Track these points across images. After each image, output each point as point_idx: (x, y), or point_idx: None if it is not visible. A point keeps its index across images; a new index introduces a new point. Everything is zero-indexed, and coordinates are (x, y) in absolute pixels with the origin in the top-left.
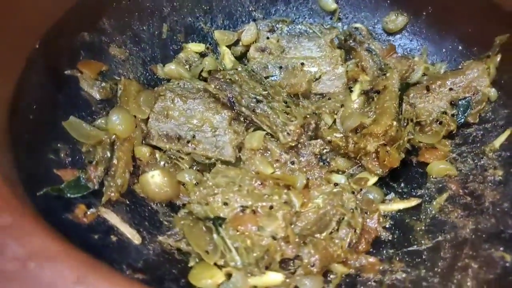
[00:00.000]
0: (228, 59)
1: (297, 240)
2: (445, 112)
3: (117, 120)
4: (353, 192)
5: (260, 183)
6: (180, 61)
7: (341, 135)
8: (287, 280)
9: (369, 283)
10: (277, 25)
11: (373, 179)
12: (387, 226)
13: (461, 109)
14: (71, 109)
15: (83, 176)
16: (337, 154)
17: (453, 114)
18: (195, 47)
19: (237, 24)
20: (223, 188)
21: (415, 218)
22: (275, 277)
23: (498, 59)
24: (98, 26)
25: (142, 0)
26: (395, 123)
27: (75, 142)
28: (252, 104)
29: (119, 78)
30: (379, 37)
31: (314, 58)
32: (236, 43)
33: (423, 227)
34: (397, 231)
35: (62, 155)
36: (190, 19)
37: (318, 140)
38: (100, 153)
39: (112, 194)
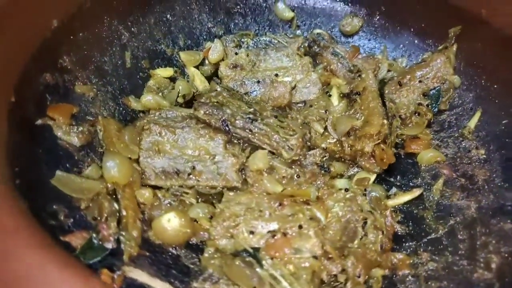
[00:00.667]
0: (199, 80)
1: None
2: (420, 104)
3: (114, 166)
4: (364, 194)
5: (279, 204)
6: (151, 89)
7: (334, 140)
8: None
9: (407, 279)
10: (242, 39)
11: (373, 177)
12: (399, 220)
13: (433, 98)
14: (54, 163)
15: (95, 236)
16: (332, 159)
17: (427, 104)
18: (164, 72)
19: (199, 42)
20: (243, 216)
21: (421, 208)
22: None
23: (455, 48)
24: (59, 65)
25: (98, 29)
26: (385, 121)
27: (71, 199)
28: (247, 125)
29: (93, 119)
30: (338, 39)
31: (286, 68)
32: (203, 62)
33: (432, 214)
34: (410, 223)
35: (61, 217)
36: (150, 43)
37: (316, 149)
38: (106, 206)
39: (132, 250)
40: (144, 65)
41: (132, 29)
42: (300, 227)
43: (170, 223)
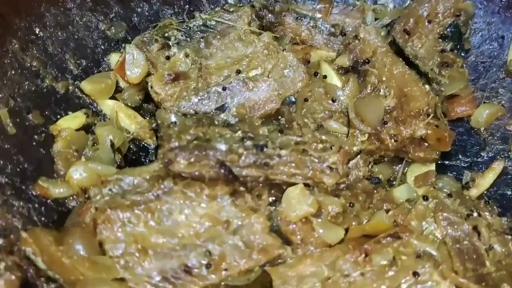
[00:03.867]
0: (126, 117)
1: None
2: (443, 50)
3: None
4: (449, 195)
5: (360, 254)
6: (64, 157)
7: (367, 136)
8: None
9: None
10: (165, 34)
11: (433, 168)
12: (498, 212)
13: (454, 38)
14: None
15: None
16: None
17: (450, 49)
18: (71, 122)
19: (99, 58)
20: None
21: None
22: None
23: None
24: None
25: None
26: (427, 86)
27: None
28: (259, 159)
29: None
30: None
31: (246, 56)
32: (119, 88)
33: None
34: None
35: None
36: (28, 82)
37: (357, 157)
38: None
39: None
40: (34, 120)
41: None
42: (416, 274)
43: None
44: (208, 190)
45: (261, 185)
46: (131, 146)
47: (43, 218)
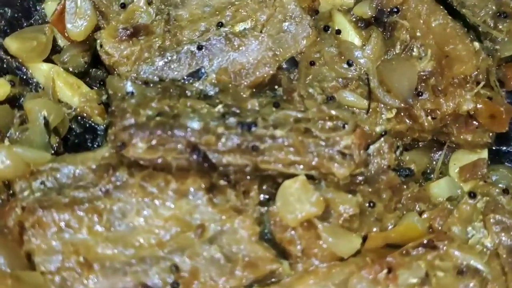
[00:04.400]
0: (67, 86)
1: None
2: None
3: None
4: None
5: (386, 271)
6: None
7: (395, 112)
8: None
9: None
10: None
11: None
12: None
13: None
14: None
15: None
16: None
17: None
18: None
19: (31, 5)
20: None
21: None
22: None
23: None
24: None
25: None
26: (477, 44)
27: None
28: (245, 142)
29: None
30: None
31: (231, 4)
32: (56, 47)
33: None
34: None
35: None
36: None
37: (379, 140)
38: None
39: None
40: None
41: None
42: None
43: None
44: (175, 183)
45: (248, 177)
46: (72, 126)
47: None
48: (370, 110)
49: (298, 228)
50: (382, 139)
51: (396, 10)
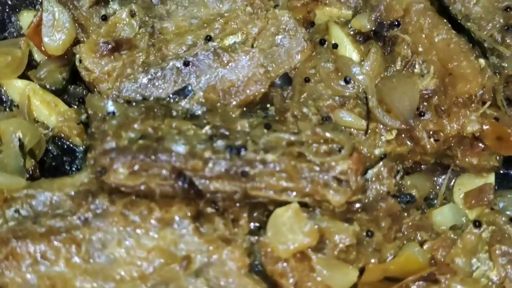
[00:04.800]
0: (44, 105)
1: None
2: (508, 8)
3: None
4: None
5: None
6: None
7: (392, 136)
8: None
9: None
10: None
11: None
12: None
13: None
14: None
15: None
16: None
17: None
18: None
19: (5, 17)
20: None
21: None
22: None
23: None
24: None
25: None
26: (482, 61)
27: None
28: (234, 167)
29: None
30: None
31: (220, 16)
32: (32, 62)
33: None
34: None
35: None
36: None
37: (378, 165)
38: None
39: None
40: None
41: None
42: None
43: None
44: (159, 212)
45: (237, 204)
46: (49, 147)
47: None
48: (369, 131)
49: (290, 259)
50: (381, 163)
51: (396, 23)
